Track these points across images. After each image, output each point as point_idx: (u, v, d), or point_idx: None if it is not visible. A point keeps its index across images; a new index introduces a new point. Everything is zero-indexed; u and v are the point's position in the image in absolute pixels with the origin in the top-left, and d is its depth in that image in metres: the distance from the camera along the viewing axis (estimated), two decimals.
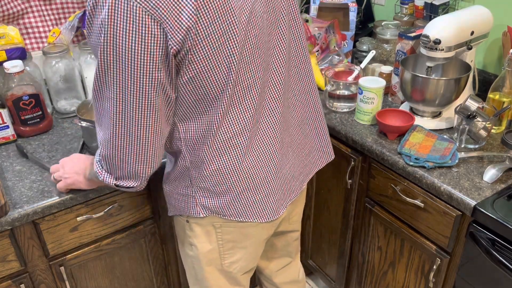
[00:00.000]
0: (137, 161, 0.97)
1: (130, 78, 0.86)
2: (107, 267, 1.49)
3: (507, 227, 1.12)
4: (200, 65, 0.91)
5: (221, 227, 1.12)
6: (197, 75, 0.92)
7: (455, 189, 1.24)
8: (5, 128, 1.48)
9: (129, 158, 0.97)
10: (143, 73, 0.86)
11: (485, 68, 1.72)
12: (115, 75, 0.87)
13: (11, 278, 1.29)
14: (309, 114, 1.21)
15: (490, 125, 1.38)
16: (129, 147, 0.95)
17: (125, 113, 0.91)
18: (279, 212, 1.14)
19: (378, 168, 1.47)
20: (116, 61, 0.85)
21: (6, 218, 1.18)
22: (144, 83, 0.87)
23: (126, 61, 0.85)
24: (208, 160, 1.03)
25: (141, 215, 1.47)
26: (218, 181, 1.05)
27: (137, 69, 0.86)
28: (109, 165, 1.01)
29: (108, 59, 0.85)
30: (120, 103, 0.89)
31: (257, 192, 1.09)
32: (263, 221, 1.12)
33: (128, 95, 0.88)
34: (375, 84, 1.51)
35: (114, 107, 0.90)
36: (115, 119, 0.92)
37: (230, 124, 1.00)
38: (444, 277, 1.39)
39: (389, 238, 1.55)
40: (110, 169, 1.02)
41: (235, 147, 1.03)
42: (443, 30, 1.39)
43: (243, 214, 1.10)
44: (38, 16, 1.67)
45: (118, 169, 1.00)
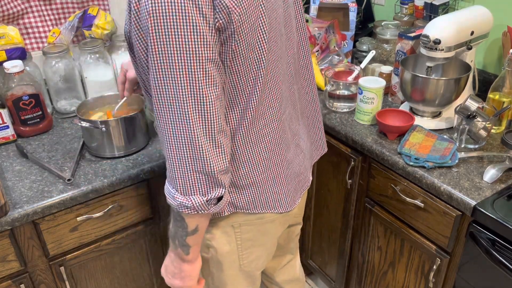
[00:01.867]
0: (214, 148, 0.90)
1: (187, 46, 0.83)
2: (107, 267, 1.49)
3: (507, 227, 1.12)
4: (238, 50, 0.90)
5: (240, 226, 1.11)
6: (235, 59, 0.91)
7: (455, 189, 1.24)
8: (5, 128, 1.48)
9: (207, 148, 0.89)
10: (198, 40, 0.83)
11: (485, 68, 1.72)
12: (175, 46, 0.83)
13: (11, 278, 1.29)
14: (311, 107, 1.24)
15: (490, 125, 1.38)
16: (203, 130, 0.88)
17: (193, 90, 0.86)
18: (295, 202, 1.15)
19: (378, 168, 1.47)
20: (170, 26, 0.82)
21: (6, 218, 1.18)
22: (200, 53, 0.84)
23: (179, 23, 0.82)
24: (240, 151, 1.02)
25: (141, 215, 1.47)
26: (245, 173, 1.04)
27: (191, 35, 0.82)
28: (187, 177, 0.91)
29: (163, 30, 0.82)
30: (187, 81, 0.85)
31: (279, 182, 1.09)
32: (282, 212, 1.11)
33: (190, 69, 0.84)
34: (375, 84, 1.51)
35: (180, 88, 0.86)
36: (182, 104, 0.86)
37: (262, 113, 1.01)
38: (444, 277, 1.39)
39: (389, 238, 1.55)
40: (192, 185, 0.91)
41: (265, 136, 1.03)
42: (443, 30, 1.39)
43: (265, 205, 1.09)
44: (38, 16, 1.67)
45: (199, 174, 0.91)
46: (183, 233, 0.98)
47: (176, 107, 0.86)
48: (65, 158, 1.42)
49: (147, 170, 1.38)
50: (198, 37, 0.82)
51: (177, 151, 0.89)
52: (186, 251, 1.02)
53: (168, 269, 1.09)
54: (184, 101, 0.85)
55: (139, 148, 1.46)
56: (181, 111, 0.86)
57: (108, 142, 1.39)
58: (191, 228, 0.97)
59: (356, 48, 1.95)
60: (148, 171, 1.38)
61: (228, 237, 1.12)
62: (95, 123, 1.36)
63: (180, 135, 0.88)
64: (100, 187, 1.31)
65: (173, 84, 0.85)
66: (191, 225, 0.96)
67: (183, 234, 0.98)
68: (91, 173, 1.35)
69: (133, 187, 1.39)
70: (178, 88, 0.85)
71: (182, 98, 0.85)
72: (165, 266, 1.10)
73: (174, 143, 0.89)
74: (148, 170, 1.38)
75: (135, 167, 1.37)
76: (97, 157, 1.42)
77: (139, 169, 1.37)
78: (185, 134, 0.87)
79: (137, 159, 1.42)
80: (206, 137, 0.88)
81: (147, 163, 1.39)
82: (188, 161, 0.89)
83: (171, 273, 1.08)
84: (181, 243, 1.00)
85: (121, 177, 1.34)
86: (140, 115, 1.43)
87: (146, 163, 1.40)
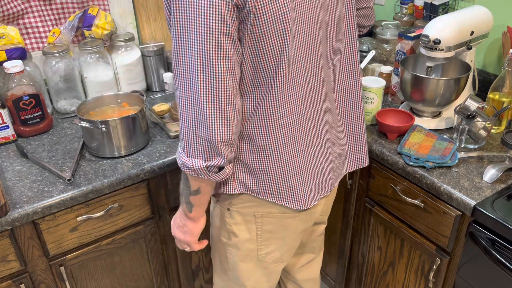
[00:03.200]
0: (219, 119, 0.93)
1: (202, 18, 0.87)
2: (107, 267, 1.49)
3: (507, 227, 1.12)
4: (259, 31, 0.92)
5: (262, 217, 1.14)
6: (256, 40, 0.94)
7: (455, 189, 1.24)
8: (5, 128, 1.48)
9: (212, 117, 0.93)
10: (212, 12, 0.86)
11: (485, 68, 1.72)
12: (191, 16, 0.88)
13: (11, 278, 1.29)
14: (353, 117, 1.24)
15: (490, 125, 1.38)
16: (210, 98, 0.92)
17: (204, 60, 0.90)
18: (310, 202, 1.15)
19: (378, 168, 1.47)
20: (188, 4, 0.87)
21: (6, 218, 1.18)
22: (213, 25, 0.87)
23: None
24: (257, 134, 1.04)
25: (141, 215, 1.47)
26: (259, 157, 1.06)
27: (208, 9, 0.86)
28: (192, 141, 0.96)
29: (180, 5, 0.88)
30: (199, 50, 0.89)
31: (293, 176, 1.10)
32: (293, 208, 1.13)
33: (203, 40, 0.88)
34: (375, 84, 1.51)
35: (194, 57, 0.90)
36: (195, 72, 0.91)
37: (282, 102, 1.02)
38: (444, 277, 1.39)
39: (389, 238, 1.55)
40: (195, 148, 0.96)
41: (283, 126, 1.04)
42: (443, 30, 1.39)
43: (278, 196, 1.11)
44: (38, 16, 1.67)
45: (202, 140, 0.95)
46: (187, 191, 1.06)
47: (188, 73, 0.91)
48: (65, 158, 1.42)
49: (147, 170, 1.38)
50: (213, 10, 0.86)
51: (186, 114, 0.94)
52: (189, 208, 1.10)
53: (176, 220, 1.19)
54: (194, 69, 0.90)
55: (139, 148, 1.46)
56: (191, 77, 0.91)
57: (108, 142, 1.39)
58: (194, 188, 1.04)
59: None
60: (148, 171, 1.38)
61: (249, 225, 1.15)
62: (95, 123, 1.36)
63: (189, 99, 0.93)
64: (100, 187, 1.31)
65: (187, 53, 0.90)
66: (193, 186, 1.04)
67: (187, 192, 1.06)
68: (91, 173, 1.35)
69: (133, 187, 1.39)
70: (191, 57, 0.90)
71: (193, 66, 0.90)
72: (174, 217, 1.20)
73: (185, 106, 0.94)
74: (148, 170, 1.38)
75: (135, 167, 1.37)
76: (97, 157, 1.42)
77: (139, 169, 1.37)
78: (193, 99, 0.92)
79: (137, 159, 1.42)
80: (213, 106, 0.92)
81: (147, 163, 1.39)
82: (194, 126, 0.94)
83: (176, 224, 1.18)
84: (186, 200, 1.09)
85: (121, 177, 1.34)
86: (140, 115, 1.43)
87: (146, 163, 1.40)
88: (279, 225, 1.16)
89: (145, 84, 1.85)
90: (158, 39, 1.93)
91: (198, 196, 1.06)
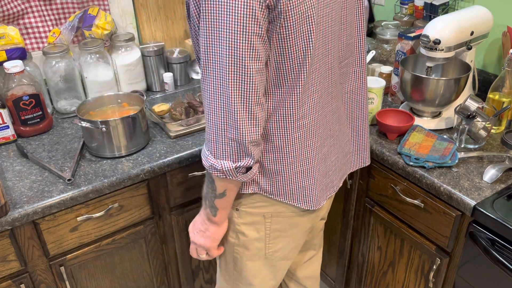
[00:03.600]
0: (249, 119, 0.94)
1: (235, 19, 0.87)
2: (107, 267, 1.49)
3: (507, 227, 1.12)
4: (286, 32, 0.93)
5: (271, 217, 1.14)
6: (282, 41, 0.94)
7: (455, 189, 1.24)
8: (5, 128, 1.48)
9: (242, 117, 0.93)
10: (247, 13, 0.87)
11: (485, 68, 1.72)
12: (224, 16, 0.87)
13: (11, 278, 1.29)
14: (358, 116, 1.24)
15: (490, 125, 1.38)
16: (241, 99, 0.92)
17: (236, 61, 0.90)
18: (321, 202, 1.16)
19: (378, 168, 1.47)
20: (220, 5, 0.87)
21: (6, 218, 1.18)
22: (247, 26, 0.87)
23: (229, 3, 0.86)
24: (274, 134, 1.04)
25: (141, 215, 1.47)
26: (275, 157, 1.06)
27: (241, 11, 0.86)
28: (221, 142, 0.95)
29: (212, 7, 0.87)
30: (231, 50, 0.89)
31: (307, 176, 1.10)
32: (305, 208, 1.13)
33: (236, 40, 0.88)
34: (375, 84, 1.51)
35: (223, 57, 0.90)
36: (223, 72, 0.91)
37: (303, 103, 1.03)
38: (444, 277, 1.39)
39: (389, 238, 1.55)
40: (223, 150, 0.96)
41: (301, 128, 1.05)
42: (443, 30, 1.39)
43: (290, 197, 1.11)
44: (38, 16, 1.67)
45: (231, 141, 0.95)
46: (212, 194, 1.05)
47: (219, 73, 0.91)
48: (65, 158, 1.42)
49: (147, 170, 1.38)
50: (247, 10, 0.86)
51: (215, 115, 0.94)
52: (214, 212, 1.08)
53: (196, 225, 1.16)
54: (226, 69, 0.90)
55: (139, 148, 1.46)
56: (223, 78, 0.90)
57: (108, 142, 1.39)
58: (220, 191, 1.03)
59: None
60: (148, 171, 1.38)
61: (258, 225, 1.15)
62: (95, 123, 1.36)
63: (219, 100, 0.92)
64: (100, 187, 1.31)
65: (219, 53, 0.89)
66: (219, 188, 1.03)
67: (212, 196, 1.05)
68: (91, 173, 1.35)
69: (133, 187, 1.39)
70: (222, 57, 0.89)
71: (224, 66, 0.89)
72: (194, 222, 1.17)
73: (213, 107, 0.93)
74: (148, 170, 1.38)
75: (135, 167, 1.37)
76: (97, 157, 1.42)
77: (139, 169, 1.37)
78: (223, 100, 0.92)
79: (137, 159, 1.42)
80: (242, 106, 0.92)
81: (147, 163, 1.40)
82: (223, 127, 0.94)
83: (197, 229, 1.15)
84: (210, 204, 1.07)
85: (121, 177, 1.34)
86: (140, 115, 1.43)
87: (146, 163, 1.40)
88: (288, 224, 1.17)
89: (145, 84, 1.85)
90: (158, 39, 1.93)
91: (224, 199, 1.05)
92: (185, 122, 1.54)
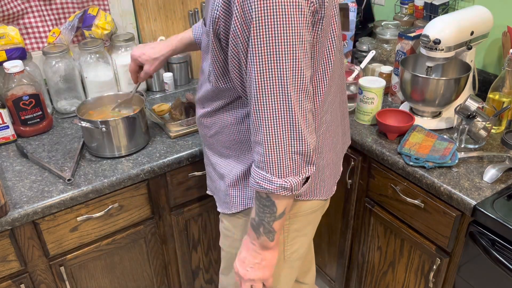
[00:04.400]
0: (307, 127, 0.93)
1: (292, 33, 0.86)
2: (107, 267, 1.49)
3: (507, 227, 1.12)
4: (319, 36, 0.93)
5: (289, 218, 1.13)
6: (315, 45, 0.95)
7: (455, 189, 1.24)
8: (5, 128, 1.48)
9: (303, 127, 0.91)
10: (302, 20, 0.86)
11: (485, 68, 1.72)
12: (281, 25, 0.85)
13: (11, 278, 1.29)
14: (343, 99, 1.25)
15: (490, 125, 1.38)
16: (300, 110, 0.91)
17: (297, 72, 0.89)
18: (333, 189, 1.18)
19: (378, 168, 1.47)
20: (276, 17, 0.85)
21: (6, 218, 1.18)
22: (303, 33, 0.87)
23: (286, 13, 0.85)
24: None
25: (141, 215, 1.47)
26: None
27: (295, 22, 0.85)
28: (286, 159, 0.92)
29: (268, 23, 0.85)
30: (294, 62, 0.88)
31: (326, 168, 1.12)
32: (325, 198, 1.14)
33: (295, 50, 0.87)
34: (375, 84, 1.51)
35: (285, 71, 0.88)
36: (286, 84, 0.89)
37: (325, 98, 1.03)
38: (444, 277, 1.39)
39: (389, 238, 1.55)
40: (288, 166, 0.93)
41: (323, 124, 1.06)
42: (443, 30, 1.39)
43: (313, 192, 1.11)
44: (38, 16, 1.67)
45: (295, 155, 0.92)
46: (270, 218, 0.99)
47: (280, 89, 0.88)
48: (65, 158, 1.42)
49: (147, 170, 1.38)
50: (302, 17, 0.85)
51: (277, 134, 0.90)
52: (272, 237, 1.02)
53: (247, 261, 1.07)
54: (287, 82, 0.88)
55: (139, 148, 1.46)
56: (284, 93, 0.88)
57: (108, 142, 1.39)
58: (280, 211, 0.98)
59: (356, 48, 1.94)
60: (148, 171, 1.38)
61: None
62: (95, 123, 1.36)
63: (282, 116, 0.89)
64: (100, 187, 1.31)
65: (278, 66, 0.87)
66: (280, 208, 0.98)
67: (271, 219, 0.99)
68: (91, 173, 1.35)
69: (133, 187, 1.39)
70: (283, 69, 0.87)
71: (285, 79, 0.87)
72: (242, 259, 1.08)
73: (275, 125, 0.90)
74: (148, 170, 1.38)
75: (135, 167, 1.37)
76: (97, 157, 1.42)
77: (139, 169, 1.37)
78: (286, 115, 0.89)
79: (137, 159, 1.42)
80: (301, 116, 0.91)
81: (147, 163, 1.39)
82: (287, 143, 0.91)
83: (250, 265, 1.06)
84: (267, 230, 1.00)
85: (121, 177, 1.34)
86: (140, 115, 1.43)
87: (146, 163, 1.40)
88: (305, 222, 1.17)
89: (145, 84, 1.85)
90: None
91: (282, 219, 1.00)
92: (185, 122, 1.54)
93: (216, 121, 1.12)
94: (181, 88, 1.85)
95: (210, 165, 1.21)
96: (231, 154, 1.13)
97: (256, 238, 1.03)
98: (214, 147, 1.17)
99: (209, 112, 1.12)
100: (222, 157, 1.16)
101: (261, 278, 1.07)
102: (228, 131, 1.09)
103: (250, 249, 1.06)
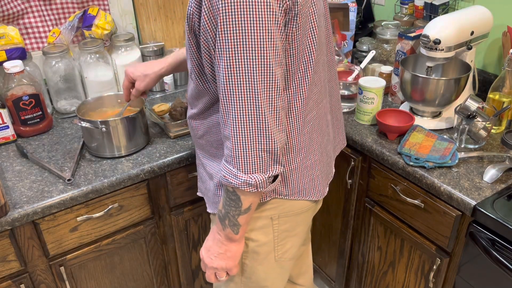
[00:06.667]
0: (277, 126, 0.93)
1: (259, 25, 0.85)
2: (107, 267, 1.49)
3: (507, 227, 1.12)
4: (296, 33, 0.93)
5: (278, 218, 1.13)
6: (292, 43, 0.94)
7: (455, 189, 1.24)
8: (5, 128, 1.48)
9: (272, 125, 0.91)
10: (270, 16, 0.85)
11: (485, 68, 1.72)
12: (249, 21, 0.85)
13: (11, 278, 1.29)
14: (337, 101, 1.26)
15: (490, 125, 1.38)
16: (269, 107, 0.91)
17: (265, 68, 0.88)
18: (325, 191, 1.17)
19: (378, 168, 1.47)
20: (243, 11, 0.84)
21: (6, 218, 1.18)
22: (272, 30, 0.86)
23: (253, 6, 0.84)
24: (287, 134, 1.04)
25: (141, 215, 1.47)
26: (289, 157, 1.06)
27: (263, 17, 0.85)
28: (252, 155, 0.93)
29: (234, 15, 0.85)
30: (260, 58, 0.87)
31: (315, 169, 1.11)
32: (315, 199, 1.14)
33: (263, 46, 0.87)
34: (375, 84, 1.51)
35: (250, 66, 0.88)
36: (251, 76, 0.88)
37: (309, 96, 1.03)
38: (444, 277, 1.39)
39: (389, 238, 1.55)
40: (254, 163, 0.93)
41: (308, 123, 1.05)
42: (443, 30, 1.39)
43: (302, 192, 1.11)
44: (38, 16, 1.67)
45: (262, 152, 0.93)
46: (236, 212, 1.00)
47: (246, 84, 0.88)
48: (65, 158, 1.42)
49: (147, 170, 1.38)
50: (270, 14, 0.85)
51: (243, 129, 0.91)
52: (236, 230, 1.04)
53: (212, 250, 1.10)
54: (255, 78, 0.88)
55: (139, 148, 1.46)
56: (251, 88, 0.88)
57: (108, 142, 1.39)
58: (245, 206, 0.99)
59: (356, 48, 1.94)
60: (148, 171, 1.38)
61: (266, 229, 1.14)
62: (95, 123, 1.36)
63: (248, 112, 0.89)
64: (100, 187, 1.31)
65: (245, 61, 0.87)
66: (245, 204, 0.99)
67: (236, 213, 1.01)
68: (91, 173, 1.35)
69: (133, 187, 1.39)
70: (250, 65, 0.87)
71: (253, 75, 0.87)
72: (207, 247, 1.11)
73: (241, 121, 0.90)
74: (148, 170, 1.38)
75: (135, 167, 1.37)
76: (97, 157, 1.42)
77: (139, 169, 1.37)
78: (253, 111, 0.89)
79: (137, 159, 1.42)
80: (271, 114, 0.91)
81: (147, 163, 1.39)
82: (253, 139, 0.91)
83: (214, 253, 1.10)
84: (231, 223, 1.03)
85: (121, 177, 1.34)
86: (140, 115, 1.43)
87: (146, 163, 1.40)
88: (295, 222, 1.17)
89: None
90: (158, 39, 1.93)
91: (247, 214, 1.02)
92: (185, 122, 1.54)
93: (203, 122, 1.12)
94: (181, 88, 1.85)
95: (201, 166, 1.22)
96: (220, 154, 1.13)
97: (222, 229, 1.05)
98: (203, 148, 1.17)
99: (196, 114, 1.13)
100: (211, 157, 1.16)
101: (225, 267, 1.10)
102: (216, 131, 1.10)
103: (216, 239, 1.09)
